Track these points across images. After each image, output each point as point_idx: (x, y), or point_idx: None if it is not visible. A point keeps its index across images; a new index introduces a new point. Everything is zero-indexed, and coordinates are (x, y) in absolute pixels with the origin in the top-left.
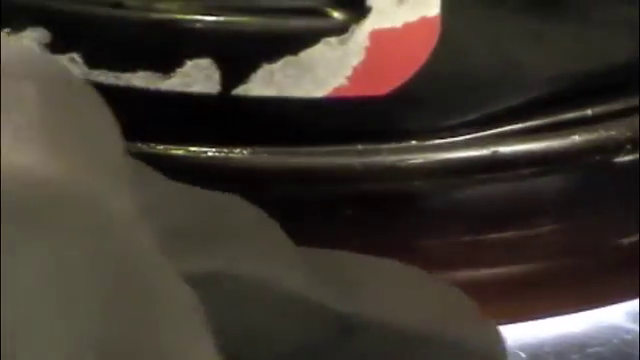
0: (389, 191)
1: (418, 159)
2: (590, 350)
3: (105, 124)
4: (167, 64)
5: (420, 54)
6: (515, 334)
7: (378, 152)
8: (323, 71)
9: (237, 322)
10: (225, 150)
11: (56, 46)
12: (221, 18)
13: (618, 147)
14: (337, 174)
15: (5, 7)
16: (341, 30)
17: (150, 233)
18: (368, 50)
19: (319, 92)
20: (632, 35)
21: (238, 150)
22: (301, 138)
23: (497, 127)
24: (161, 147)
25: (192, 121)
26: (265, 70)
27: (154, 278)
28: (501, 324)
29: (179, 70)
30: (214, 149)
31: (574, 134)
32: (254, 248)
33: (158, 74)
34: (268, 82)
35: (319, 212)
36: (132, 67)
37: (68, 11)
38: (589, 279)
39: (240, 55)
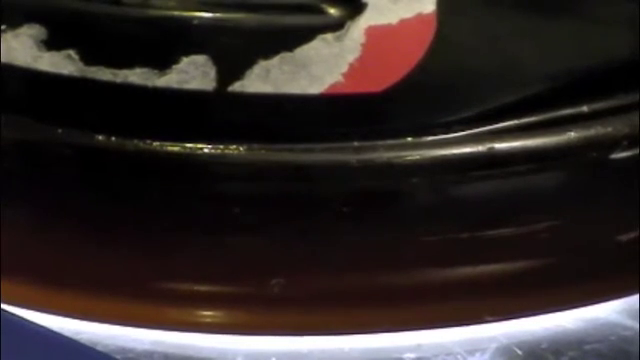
0: (385, 188)
1: (414, 156)
2: (588, 347)
3: None
4: (163, 61)
5: (416, 51)
6: (512, 331)
7: (374, 149)
8: (319, 68)
9: None
10: (221, 147)
11: (52, 43)
12: (217, 15)
13: (615, 143)
14: (333, 171)
15: (1, 4)
16: (337, 26)
17: None
18: (364, 47)
19: (315, 89)
20: (630, 31)
21: (234, 147)
22: (297, 135)
23: (493, 123)
24: (157, 144)
25: (188, 118)
26: (261, 67)
27: None
28: (498, 321)
29: (175, 67)
30: (210, 146)
31: (570, 130)
32: None
33: (154, 71)
34: (264, 79)
35: (315, 209)
36: (128, 64)
37: (65, 8)
38: (587, 276)
39: (236, 52)
